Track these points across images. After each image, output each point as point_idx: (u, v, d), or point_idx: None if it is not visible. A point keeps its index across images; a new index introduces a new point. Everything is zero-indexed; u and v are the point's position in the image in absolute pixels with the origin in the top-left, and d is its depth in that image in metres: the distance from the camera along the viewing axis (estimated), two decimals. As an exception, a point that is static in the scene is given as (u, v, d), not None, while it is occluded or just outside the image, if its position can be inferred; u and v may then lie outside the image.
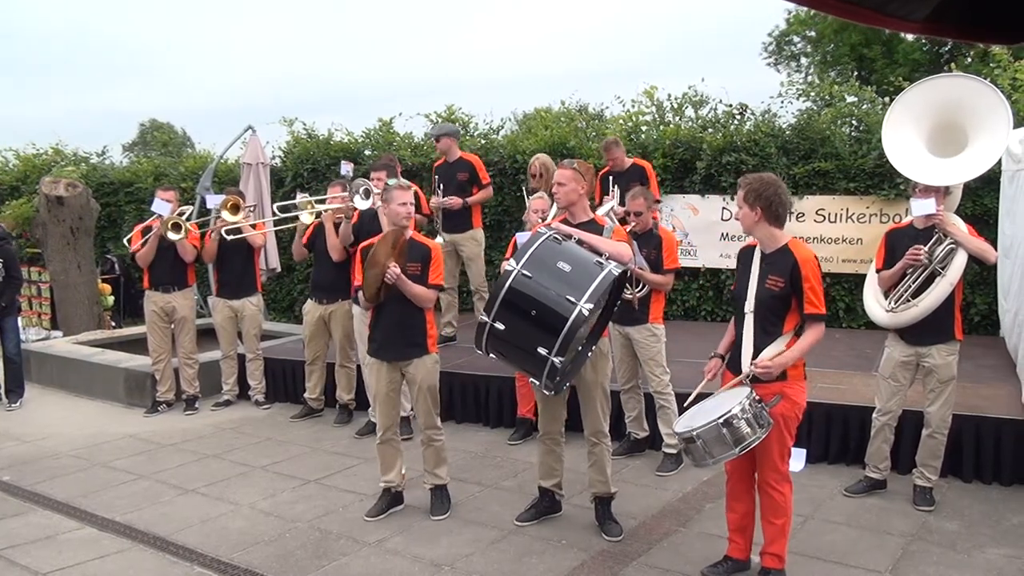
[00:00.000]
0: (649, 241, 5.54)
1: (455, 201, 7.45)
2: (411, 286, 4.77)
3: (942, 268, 4.66)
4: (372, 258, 4.70)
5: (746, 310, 3.87)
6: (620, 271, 4.11)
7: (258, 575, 4.25)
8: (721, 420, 3.61)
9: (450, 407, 6.68)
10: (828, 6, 1.11)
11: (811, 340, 3.77)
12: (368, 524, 4.84)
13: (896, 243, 4.84)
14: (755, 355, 3.80)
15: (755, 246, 3.95)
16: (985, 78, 7.49)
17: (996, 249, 7.36)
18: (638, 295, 5.49)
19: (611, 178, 7.05)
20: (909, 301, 4.76)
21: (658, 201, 6.30)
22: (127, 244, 7.59)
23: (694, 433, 3.70)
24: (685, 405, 4.03)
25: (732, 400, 3.70)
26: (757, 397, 3.68)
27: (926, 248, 4.68)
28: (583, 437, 4.70)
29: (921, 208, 4.70)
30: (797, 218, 8.26)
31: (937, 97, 5.00)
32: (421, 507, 5.02)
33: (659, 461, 5.62)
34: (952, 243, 4.65)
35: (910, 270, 4.75)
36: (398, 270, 4.69)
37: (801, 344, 3.77)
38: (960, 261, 4.62)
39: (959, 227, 4.70)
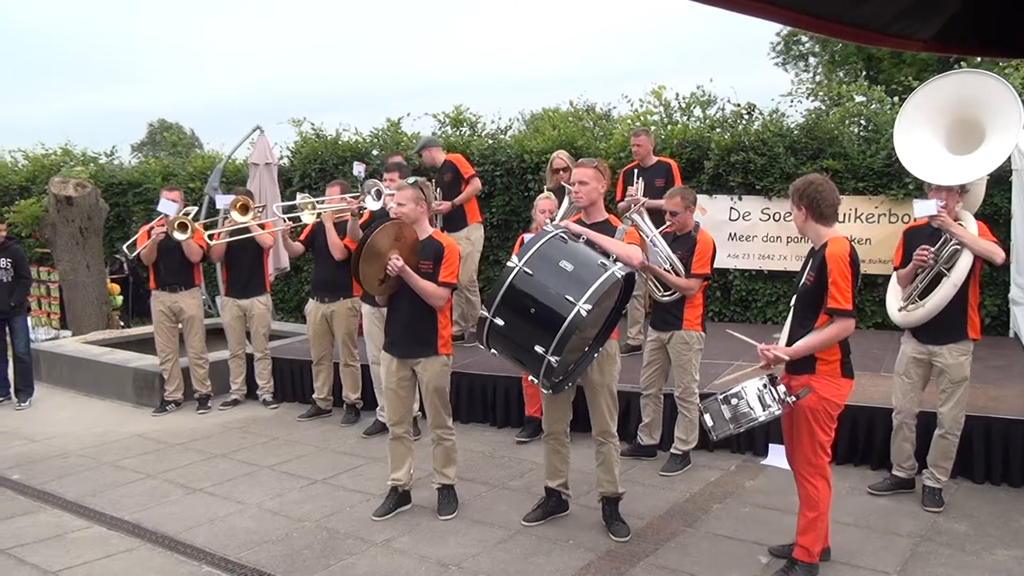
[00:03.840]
0: (685, 243, 5.43)
1: (444, 206, 7.56)
2: (416, 280, 4.70)
3: (947, 269, 4.65)
4: (370, 248, 4.60)
5: (792, 304, 4.08)
6: (624, 273, 4.09)
7: (266, 574, 4.25)
8: (721, 397, 3.85)
9: (457, 406, 6.66)
10: (836, 31, 1.12)
11: (830, 334, 3.81)
12: (375, 524, 4.85)
13: (912, 242, 4.83)
14: (789, 346, 3.95)
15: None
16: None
17: (1009, 249, 7.34)
18: (666, 298, 5.45)
19: (636, 172, 7.01)
20: (917, 301, 4.75)
21: None
22: (127, 250, 7.56)
23: (702, 404, 3.99)
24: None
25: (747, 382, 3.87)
26: (767, 381, 3.81)
27: (933, 249, 4.67)
28: (590, 437, 4.69)
29: (923, 209, 4.69)
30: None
31: (952, 93, 5.00)
32: (428, 507, 5.03)
33: (665, 461, 5.61)
34: (957, 244, 4.63)
35: (920, 270, 4.74)
36: (400, 262, 4.62)
37: (818, 337, 3.82)
38: (965, 262, 4.60)
39: (967, 227, 4.67)
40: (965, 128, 4.97)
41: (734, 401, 3.81)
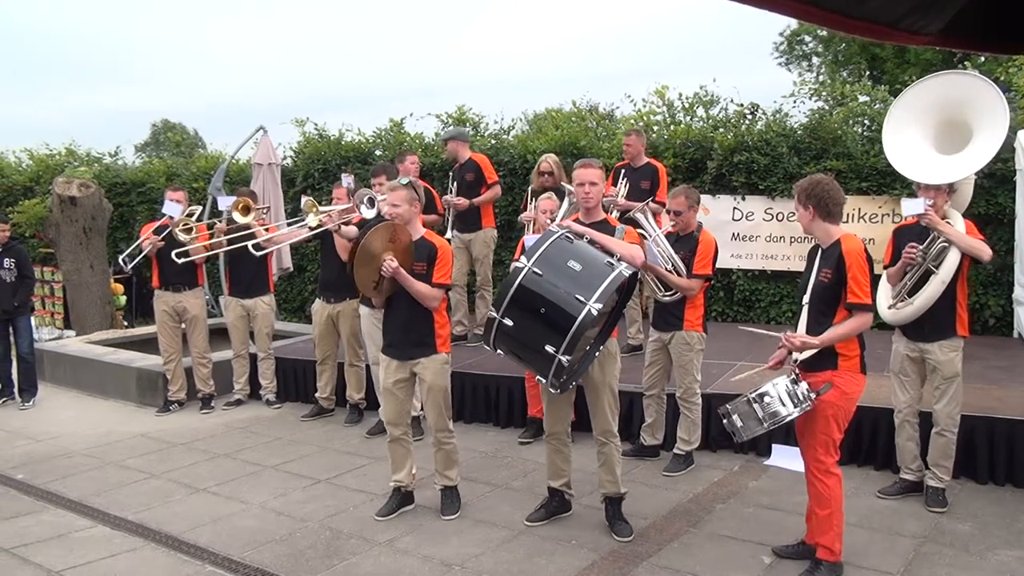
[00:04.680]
0: (687, 244, 5.42)
1: (462, 202, 7.52)
2: (411, 281, 4.69)
3: (936, 266, 4.69)
4: (363, 251, 4.58)
5: (803, 302, 4.08)
6: (630, 272, 4.11)
7: (269, 574, 4.26)
8: (753, 395, 3.86)
9: (460, 407, 6.69)
10: (845, 25, 1.12)
11: (851, 327, 3.83)
12: (378, 524, 4.85)
13: (901, 240, 4.89)
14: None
15: (820, 244, 4.11)
16: (1000, 77, 7.43)
17: (1014, 248, 7.34)
18: (667, 298, 5.45)
19: (623, 171, 7.02)
20: (906, 299, 4.79)
21: (662, 203, 6.26)
22: (127, 259, 7.53)
23: (728, 407, 3.95)
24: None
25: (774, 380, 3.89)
26: (794, 377, 3.83)
27: (922, 247, 4.71)
28: (592, 437, 4.69)
29: (910, 207, 4.78)
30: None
31: (940, 94, 5.08)
32: (431, 507, 5.03)
33: (667, 461, 5.61)
34: (945, 241, 4.67)
35: (909, 268, 4.78)
36: (395, 263, 4.62)
37: (839, 329, 3.84)
38: (952, 259, 4.65)
39: (955, 225, 4.71)
40: (953, 128, 5.04)
41: (766, 400, 3.82)
